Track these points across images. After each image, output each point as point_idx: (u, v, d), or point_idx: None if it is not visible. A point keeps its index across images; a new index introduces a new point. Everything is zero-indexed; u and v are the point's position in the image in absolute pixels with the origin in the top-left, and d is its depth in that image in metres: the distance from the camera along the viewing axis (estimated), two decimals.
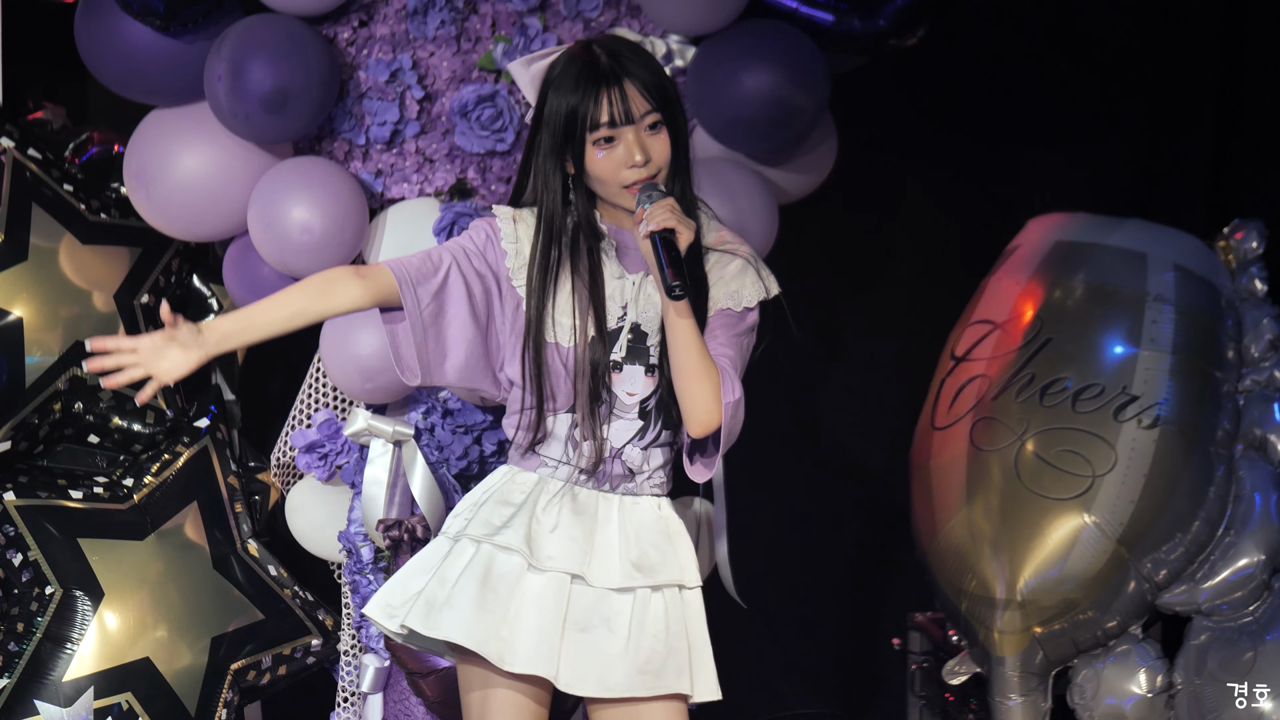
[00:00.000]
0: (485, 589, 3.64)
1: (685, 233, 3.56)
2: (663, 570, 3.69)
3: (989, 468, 4.69)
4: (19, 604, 4.84)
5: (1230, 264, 4.93)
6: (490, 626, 3.62)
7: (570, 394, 3.68)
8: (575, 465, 3.70)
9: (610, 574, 3.67)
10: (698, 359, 3.59)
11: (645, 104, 3.60)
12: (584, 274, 3.68)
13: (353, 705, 4.82)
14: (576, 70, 3.62)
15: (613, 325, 3.69)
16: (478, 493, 3.76)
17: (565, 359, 3.67)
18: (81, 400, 4.91)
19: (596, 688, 3.64)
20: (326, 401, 4.77)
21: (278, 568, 4.96)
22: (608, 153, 3.62)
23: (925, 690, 5.30)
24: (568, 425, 3.70)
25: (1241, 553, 4.63)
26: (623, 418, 3.70)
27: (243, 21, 4.46)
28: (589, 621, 3.65)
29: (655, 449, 3.73)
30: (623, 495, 3.72)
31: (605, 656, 3.65)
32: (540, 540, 3.67)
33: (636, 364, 3.69)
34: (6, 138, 4.88)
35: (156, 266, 5.01)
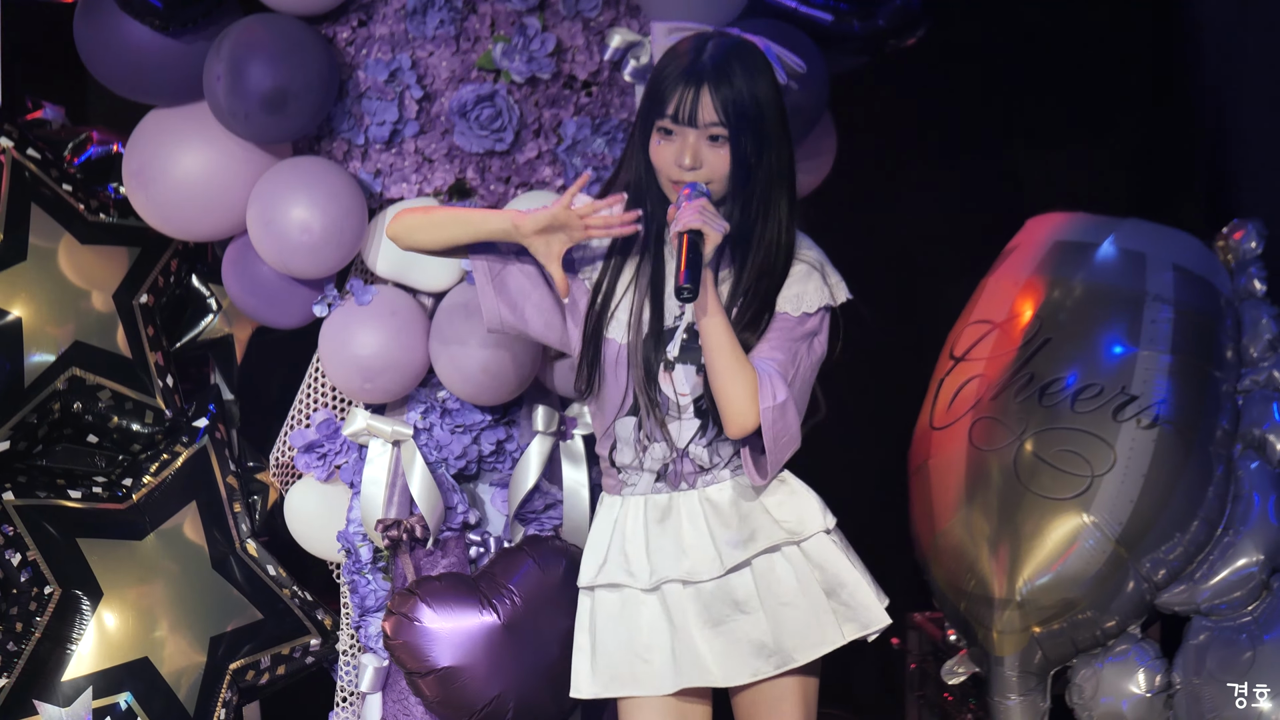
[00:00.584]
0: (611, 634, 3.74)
1: (713, 235, 3.57)
2: (761, 536, 3.73)
3: (988, 467, 4.69)
4: (18, 604, 4.84)
5: (1229, 264, 4.93)
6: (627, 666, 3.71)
7: (621, 390, 3.69)
8: (648, 469, 3.72)
9: (711, 564, 3.71)
10: (727, 360, 3.61)
11: (714, 115, 3.62)
12: (646, 267, 3.70)
13: (351, 705, 4.82)
14: (678, 55, 3.66)
15: (669, 323, 3.70)
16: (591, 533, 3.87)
17: (618, 353, 3.69)
18: (80, 400, 4.91)
19: (756, 669, 3.70)
20: (325, 401, 4.77)
21: (276, 567, 4.96)
22: (665, 143, 3.66)
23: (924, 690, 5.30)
24: (633, 427, 3.71)
25: (1240, 552, 4.63)
26: (682, 417, 3.71)
27: (242, 21, 4.46)
28: (719, 614, 3.70)
29: (720, 444, 3.74)
30: (702, 488, 3.74)
31: (748, 639, 3.70)
32: (637, 562, 3.73)
33: (689, 364, 3.70)
34: (5, 137, 4.88)
35: (155, 266, 5.01)
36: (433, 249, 3.80)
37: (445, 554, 4.62)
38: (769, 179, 3.68)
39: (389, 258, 4.56)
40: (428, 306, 4.62)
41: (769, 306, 3.70)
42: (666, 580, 3.70)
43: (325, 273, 4.56)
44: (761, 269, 3.69)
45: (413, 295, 4.62)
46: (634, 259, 3.73)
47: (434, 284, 4.59)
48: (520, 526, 4.66)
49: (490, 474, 4.69)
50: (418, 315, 4.58)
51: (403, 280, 4.59)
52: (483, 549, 4.65)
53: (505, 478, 4.67)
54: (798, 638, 3.71)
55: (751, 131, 3.63)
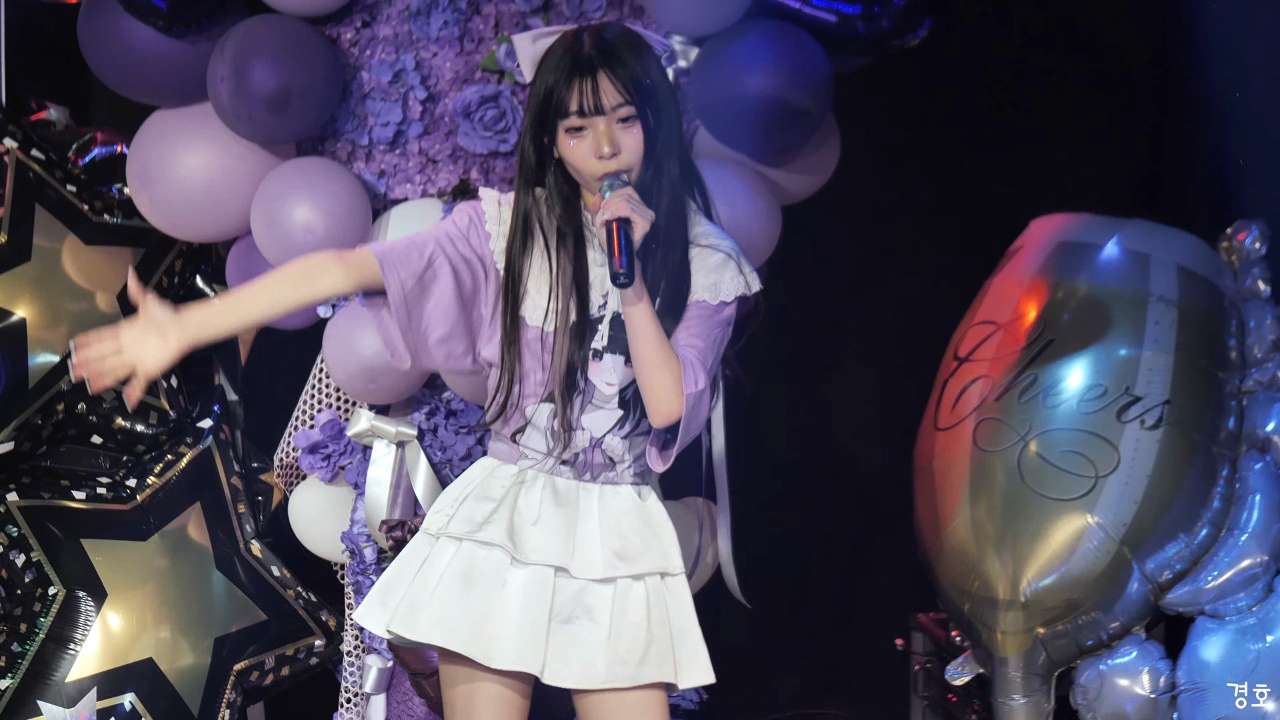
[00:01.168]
0: (468, 587, 3.64)
1: (640, 222, 3.55)
2: (644, 558, 3.69)
3: (992, 468, 4.69)
4: (22, 604, 4.84)
5: (1233, 264, 4.92)
6: (474, 625, 3.62)
7: (545, 379, 3.67)
8: (556, 456, 3.70)
9: (593, 564, 3.67)
10: (655, 348, 3.59)
11: (618, 96, 3.59)
12: (566, 260, 3.68)
13: (356, 706, 4.82)
14: (559, 54, 3.62)
15: (594, 313, 3.68)
16: (458, 487, 3.75)
17: (544, 343, 3.67)
18: (85, 401, 4.91)
19: (579, 678, 3.65)
20: (329, 402, 4.77)
21: (281, 568, 4.96)
22: (578, 141, 3.62)
23: (928, 691, 5.30)
24: (548, 415, 3.69)
25: (1244, 553, 4.63)
26: (602, 407, 3.69)
27: (246, 22, 4.46)
28: (572, 613, 3.66)
29: (636, 438, 3.73)
30: (603, 484, 3.72)
31: (588, 647, 3.65)
32: (523, 533, 3.67)
33: (617, 353, 3.69)
34: (10, 138, 4.89)
35: (159, 267, 5.01)
36: None
37: None
38: (666, 151, 3.66)
39: None
40: None
41: (684, 285, 3.68)
42: (546, 563, 3.67)
43: None
44: (668, 245, 3.67)
45: None
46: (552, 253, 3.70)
47: None
48: None
49: None
50: None
51: None
52: None
53: None
54: (634, 661, 3.66)
55: (652, 104, 3.62)
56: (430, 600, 3.64)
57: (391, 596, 3.68)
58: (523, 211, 3.68)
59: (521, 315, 3.67)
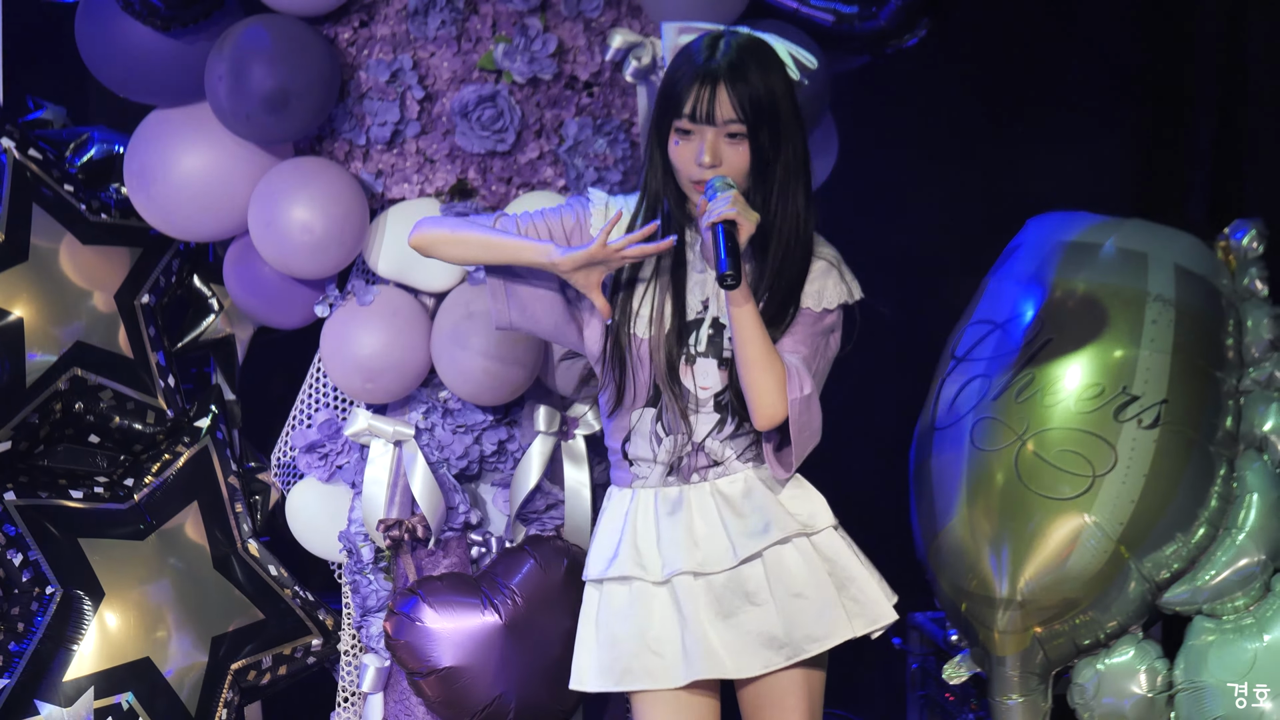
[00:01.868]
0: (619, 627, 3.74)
1: (747, 225, 3.59)
2: (775, 527, 3.74)
3: (989, 467, 4.69)
4: (19, 604, 4.84)
5: (1231, 264, 4.93)
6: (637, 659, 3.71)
7: (647, 384, 3.70)
8: (662, 462, 3.73)
9: (723, 554, 3.73)
10: (759, 351, 3.63)
11: (733, 112, 3.62)
12: (667, 262, 3.71)
13: (353, 705, 4.82)
14: (691, 54, 3.66)
15: (692, 316, 3.71)
16: (596, 526, 3.88)
17: (639, 348, 3.69)
18: (82, 400, 4.91)
19: (767, 661, 3.71)
20: (327, 402, 4.77)
21: (278, 568, 4.96)
22: (683, 143, 3.67)
23: (925, 690, 5.30)
24: (650, 420, 3.72)
25: (1242, 553, 4.63)
26: (701, 411, 3.72)
27: (243, 22, 4.46)
28: (730, 606, 3.71)
29: (735, 439, 3.76)
30: (714, 480, 3.75)
31: (760, 630, 3.71)
32: (648, 554, 3.74)
33: (710, 357, 3.72)
34: (7, 138, 4.88)
35: (157, 267, 5.01)
36: (460, 264, 3.93)
37: (447, 554, 4.62)
38: (786, 173, 3.69)
39: (391, 258, 4.56)
40: (429, 307, 4.62)
41: (793, 300, 3.72)
42: (678, 572, 3.71)
43: (326, 273, 4.57)
44: (783, 262, 3.71)
45: (414, 295, 4.62)
46: (652, 257, 3.73)
47: (436, 284, 4.59)
48: (522, 526, 4.66)
49: (492, 474, 4.69)
50: (419, 315, 4.58)
51: (404, 280, 4.60)
52: (484, 549, 4.65)
53: (507, 478, 4.67)
54: (808, 629, 3.72)
55: (768, 127, 3.64)
56: (591, 650, 3.77)
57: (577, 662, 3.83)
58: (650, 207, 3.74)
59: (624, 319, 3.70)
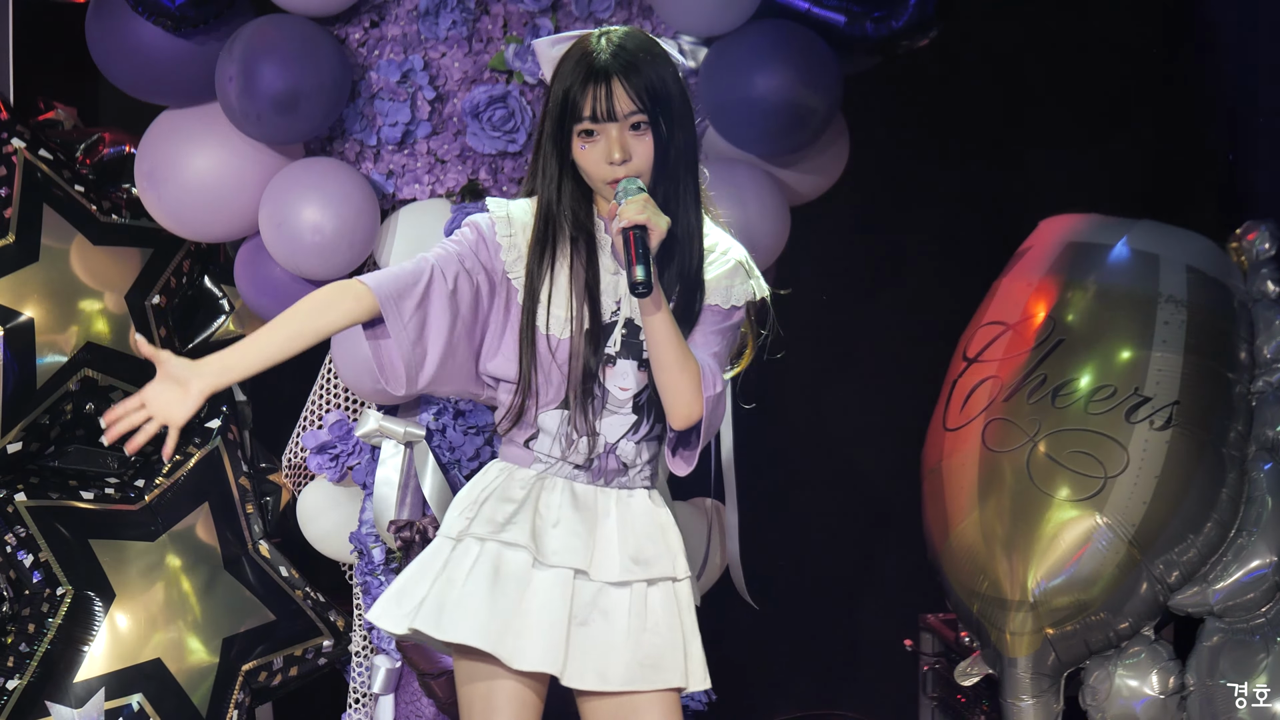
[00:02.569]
0: (495, 587, 3.65)
1: (657, 229, 3.56)
2: (657, 563, 3.71)
3: (1001, 469, 4.68)
4: (30, 605, 4.84)
5: (1243, 265, 4.92)
6: (501, 625, 3.63)
7: (561, 387, 3.68)
8: (570, 461, 3.71)
9: (610, 568, 3.68)
10: (676, 353, 3.61)
11: (631, 104, 3.60)
12: (580, 266, 3.68)
13: (364, 706, 4.82)
14: (575, 59, 3.63)
15: (607, 319, 3.69)
16: (475, 490, 3.75)
17: (556, 350, 3.67)
18: (93, 401, 4.91)
19: (597, 681, 3.66)
20: (338, 403, 4.77)
21: (289, 568, 4.96)
22: (589, 146, 3.62)
23: (937, 691, 5.29)
24: (559, 420, 3.70)
25: (1254, 554, 4.63)
26: (616, 413, 3.70)
27: (254, 22, 4.46)
28: (588, 616, 3.67)
29: (648, 442, 3.74)
30: (618, 489, 3.73)
31: (604, 650, 3.66)
32: (544, 535, 3.68)
33: (630, 358, 3.70)
34: (18, 139, 4.88)
35: (168, 267, 5.01)
36: None
37: None
38: (679, 162, 3.67)
39: (401, 258, 4.56)
40: None
41: (697, 292, 3.69)
42: (568, 565, 3.68)
43: (337, 274, 4.57)
44: (684, 255, 3.68)
45: None
46: (563, 260, 3.70)
47: None
48: None
49: None
50: None
51: None
52: None
53: None
54: (652, 663, 3.69)
55: (665, 113, 3.63)
56: (458, 600, 3.64)
57: (410, 597, 3.68)
58: (545, 216, 3.68)
59: (536, 324, 3.67)
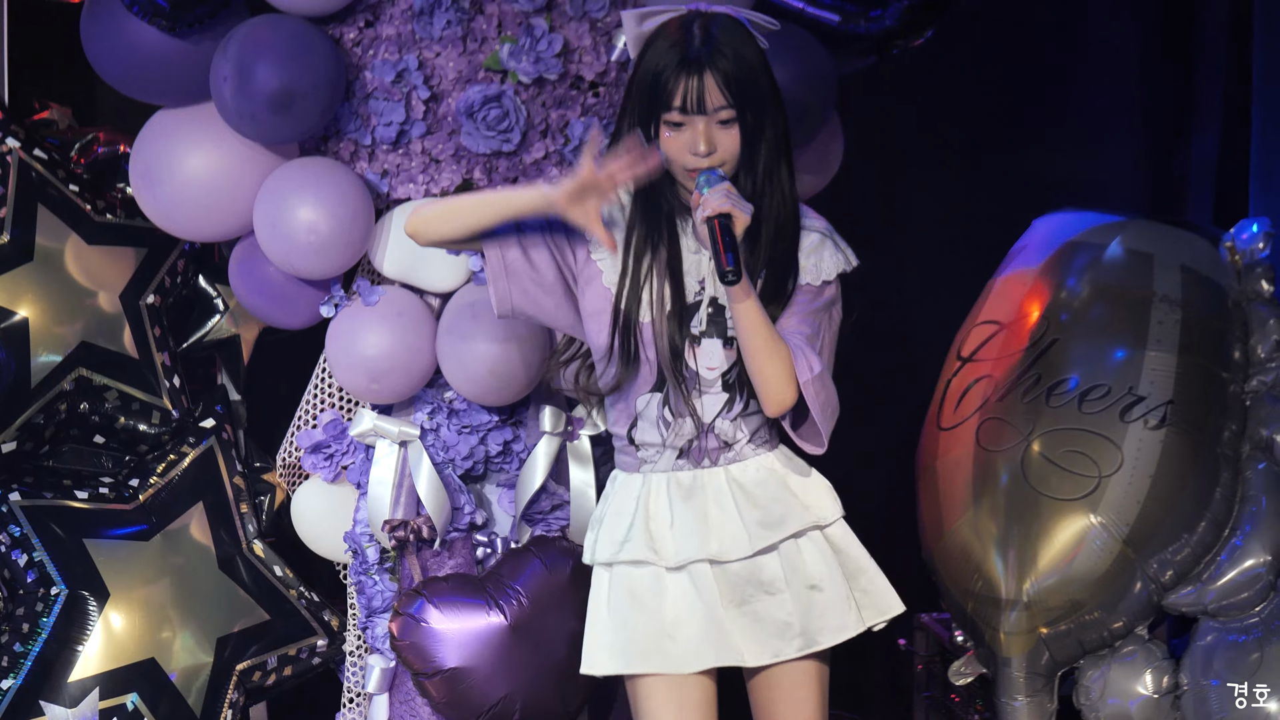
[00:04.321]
0: (633, 609, 3.72)
1: (741, 217, 3.59)
2: (791, 519, 3.74)
3: (995, 468, 4.69)
4: (24, 605, 4.84)
5: (1236, 265, 4.92)
6: (651, 643, 3.69)
7: (652, 369, 3.70)
8: (671, 446, 3.72)
9: (739, 543, 3.71)
10: (764, 340, 3.63)
11: (721, 98, 3.62)
12: (661, 247, 3.71)
13: (358, 706, 4.82)
14: (668, 45, 3.64)
15: (691, 299, 3.71)
16: (599, 509, 3.84)
17: (643, 332, 3.69)
18: (87, 401, 4.91)
19: (779, 650, 3.71)
20: (332, 402, 4.77)
21: (283, 568, 4.96)
22: (675, 134, 3.66)
23: (931, 691, 5.30)
24: (657, 405, 3.72)
25: (1248, 554, 4.63)
26: (708, 392, 3.72)
27: (249, 22, 4.46)
28: (745, 594, 3.71)
29: (745, 418, 3.75)
30: (726, 465, 3.74)
31: (774, 619, 3.71)
32: (662, 540, 3.72)
33: (715, 337, 3.71)
34: (12, 138, 4.88)
35: (162, 267, 5.01)
36: (457, 238, 3.76)
37: (452, 555, 4.62)
38: (770, 150, 3.69)
39: (396, 258, 4.56)
40: (434, 307, 4.62)
41: (789, 276, 3.71)
42: (695, 559, 3.70)
43: (332, 273, 4.57)
44: (775, 240, 3.71)
45: (419, 296, 4.62)
46: (648, 241, 3.73)
47: (441, 284, 4.59)
48: (527, 527, 4.66)
49: (497, 475, 4.69)
50: (424, 316, 4.58)
51: (410, 280, 4.60)
52: (490, 550, 4.65)
53: (512, 478, 4.67)
54: (822, 621, 3.73)
55: (754, 106, 3.64)
56: (603, 632, 3.74)
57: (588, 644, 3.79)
58: (641, 197, 3.72)
59: (622, 306, 3.69)
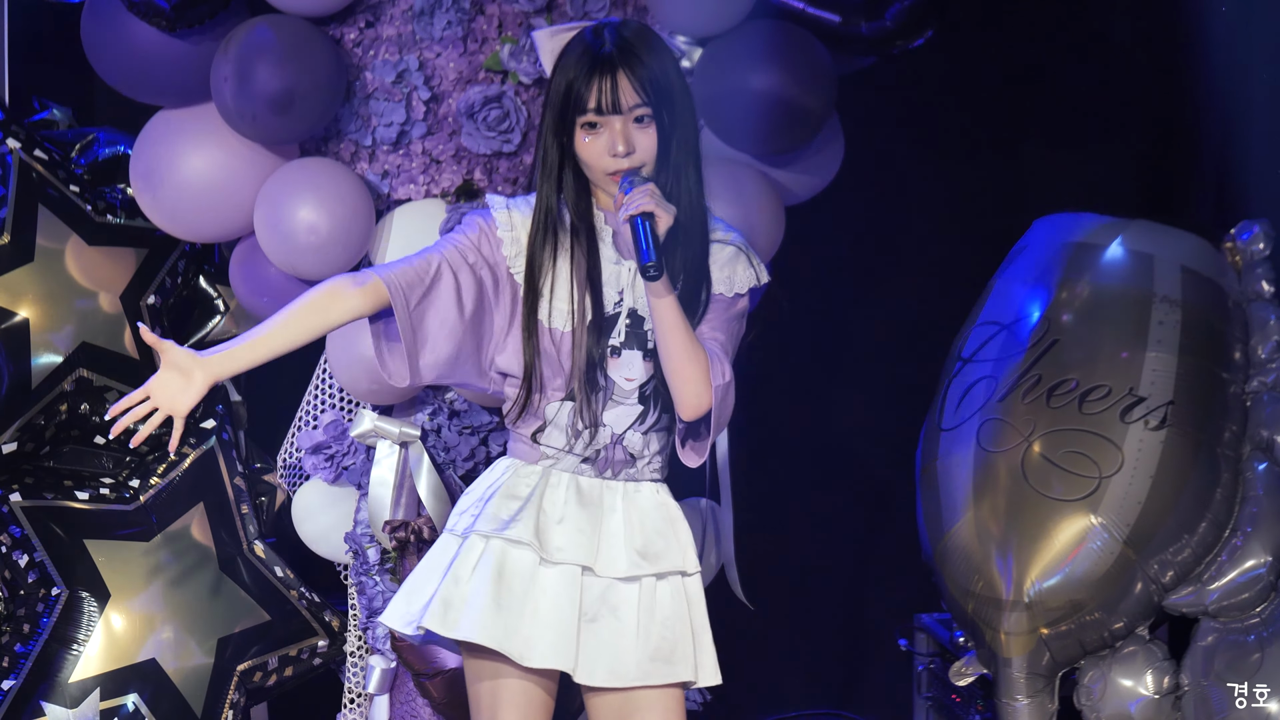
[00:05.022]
0: (500, 585, 3.66)
1: (664, 217, 3.58)
2: (666, 557, 3.72)
3: (996, 469, 4.68)
4: (25, 605, 4.84)
5: (1237, 265, 4.92)
6: (509, 623, 3.63)
7: (567, 379, 3.69)
8: (577, 454, 3.71)
9: (617, 563, 3.69)
10: (684, 341, 3.62)
11: (636, 96, 3.62)
12: (580, 258, 3.69)
13: (359, 706, 4.82)
14: (579, 51, 3.64)
15: (610, 310, 3.70)
16: (481, 487, 3.76)
17: (560, 343, 3.68)
18: (88, 401, 4.91)
19: (608, 677, 3.67)
20: (333, 403, 4.77)
21: (284, 569, 4.96)
22: (592, 138, 3.64)
23: (932, 691, 5.29)
24: (568, 413, 3.70)
25: (1249, 554, 4.63)
26: (622, 403, 3.71)
27: (249, 22, 4.46)
28: (597, 611, 3.68)
29: (655, 433, 3.74)
30: (625, 482, 3.73)
31: (614, 645, 3.67)
32: (549, 533, 3.69)
33: (634, 349, 3.70)
34: (13, 139, 4.88)
35: (163, 267, 5.01)
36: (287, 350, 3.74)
37: None
38: (681, 153, 3.69)
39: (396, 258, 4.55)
40: None
41: (703, 282, 3.71)
42: (572, 562, 3.68)
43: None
44: (686, 246, 3.70)
45: None
46: (564, 251, 3.71)
47: None
48: None
49: None
50: None
51: None
52: None
53: None
54: (660, 660, 3.69)
55: (668, 105, 3.65)
56: (465, 598, 3.66)
57: (418, 596, 3.70)
58: (544, 209, 3.69)
59: (539, 317, 3.68)
